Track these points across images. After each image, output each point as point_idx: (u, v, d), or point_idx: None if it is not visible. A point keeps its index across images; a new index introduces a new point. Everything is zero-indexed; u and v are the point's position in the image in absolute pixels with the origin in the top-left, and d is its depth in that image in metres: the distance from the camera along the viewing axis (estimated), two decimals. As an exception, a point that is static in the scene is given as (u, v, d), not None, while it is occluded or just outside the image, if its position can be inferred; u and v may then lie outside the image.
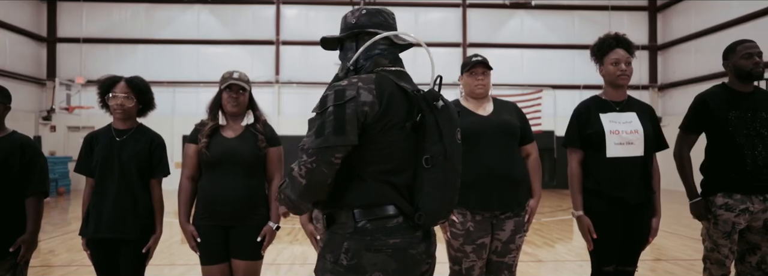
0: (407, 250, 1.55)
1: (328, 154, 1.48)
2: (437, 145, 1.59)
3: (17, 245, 2.52)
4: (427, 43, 1.76)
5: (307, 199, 1.54)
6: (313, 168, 1.48)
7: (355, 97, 1.51)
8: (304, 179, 1.49)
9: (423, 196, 1.57)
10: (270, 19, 15.49)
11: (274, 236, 2.73)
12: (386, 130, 1.53)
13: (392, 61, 1.68)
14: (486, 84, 2.71)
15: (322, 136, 1.49)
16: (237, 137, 2.68)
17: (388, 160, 1.55)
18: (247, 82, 2.71)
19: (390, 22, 1.72)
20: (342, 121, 1.49)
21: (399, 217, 1.55)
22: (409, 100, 1.59)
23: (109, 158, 2.61)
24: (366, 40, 1.65)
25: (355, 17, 1.71)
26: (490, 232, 2.63)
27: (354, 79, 1.57)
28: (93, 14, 15.19)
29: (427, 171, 1.57)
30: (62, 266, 5.14)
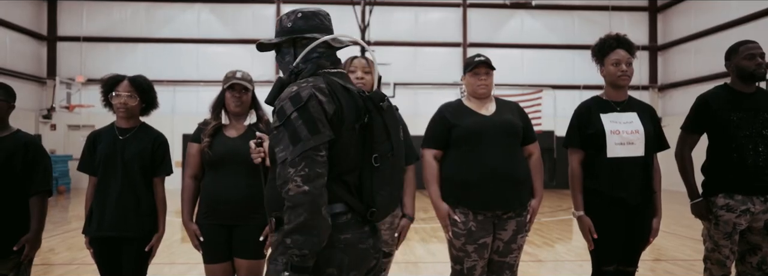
0: (358, 245, 1.60)
1: (313, 156, 1.48)
2: (385, 144, 1.67)
3: (21, 244, 2.52)
4: (428, 43, 1.80)
5: (318, 209, 1.47)
6: (308, 173, 1.47)
7: (313, 95, 1.54)
8: (304, 186, 1.45)
9: (373, 194, 1.62)
10: (270, 18, 15.48)
11: None
12: (341, 131, 1.56)
13: (333, 63, 1.72)
14: (489, 84, 2.72)
15: (300, 142, 1.48)
16: (240, 136, 2.68)
17: (342, 159, 1.57)
18: (250, 82, 2.72)
19: (326, 24, 1.74)
20: (311, 121, 1.50)
21: (348, 214, 1.59)
22: (355, 101, 1.62)
23: (112, 157, 2.62)
24: (303, 44, 1.68)
25: (290, 21, 1.72)
26: (492, 231, 2.63)
27: (303, 83, 1.58)
28: (93, 13, 15.19)
29: (376, 169, 1.63)
30: (63, 265, 5.14)
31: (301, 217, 1.44)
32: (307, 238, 1.45)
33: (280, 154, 1.50)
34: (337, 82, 1.63)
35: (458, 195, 2.62)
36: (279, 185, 1.50)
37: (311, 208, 1.45)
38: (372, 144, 1.63)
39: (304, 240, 1.45)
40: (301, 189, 1.45)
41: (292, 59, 1.70)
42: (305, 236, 1.45)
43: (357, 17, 13.06)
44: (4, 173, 2.51)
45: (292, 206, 1.46)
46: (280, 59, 1.75)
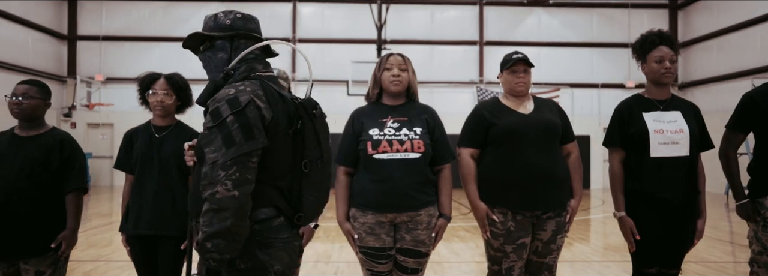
0: (293, 242, 1.69)
1: (245, 161, 1.48)
2: (315, 151, 1.71)
3: (58, 241, 2.53)
4: (444, 42, 1.80)
5: (244, 214, 1.49)
6: (238, 177, 1.46)
7: (251, 101, 1.54)
8: (234, 191, 1.45)
9: (302, 198, 1.68)
10: (286, 17, 15.51)
11: (313, 235, 2.71)
12: (275, 137, 1.59)
13: (264, 65, 1.75)
14: (527, 82, 2.68)
15: (233, 146, 1.48)
16: None
17: (275, 164, 1.60)
18: (285, 80, 2.70)
19: (260, 31, 1.79)
20: (247, 126, 1.50)
21: (280, 217, 1.64)
22: (288, 108, 1.66)
23: (149, 155, 2.62)
24: (242, 43, 1.70)
25: (229, 19, 1.73)
26: (531, 232, 2.59)
27: (241, 87, 1.59)
28: (112, 12, 15.32)
29: (305, 175, 1.68)
30: (89, 262, 5.18)
31: (227, 221, 1.44)
32: (229, 242, 1.46)
33: (211, 155, 1.49)
34: (273, 88, 1.65)
35: (497, 195, 2.59)
36: (203, 185, 1.49)
37: (237, 213, 1.45)
38: (303, 150, 1.68)
39: (226, 244, 1.46)
40: (230, 193, 1.45)
41: (225, 56, 1.71)
42: (228, 241, 1.46)
43: (373, 16, 13.02)
44: (42, 170, 2.52)
45: (217, 209, 1.45)
46: (210, 55, 1.74)
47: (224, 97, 1.54)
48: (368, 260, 2.55)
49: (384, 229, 2.52)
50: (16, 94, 2.54)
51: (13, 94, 2.54)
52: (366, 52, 14.35)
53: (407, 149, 2.49)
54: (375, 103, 2.67)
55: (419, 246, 2.52)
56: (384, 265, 2.55)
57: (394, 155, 2.48)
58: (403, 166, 2.48)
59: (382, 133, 2.52)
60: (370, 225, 2.52)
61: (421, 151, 2.50)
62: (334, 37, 15.30)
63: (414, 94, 2.68)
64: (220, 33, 1.71)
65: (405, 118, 2.57)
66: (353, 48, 14.88)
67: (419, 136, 2.52)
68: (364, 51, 14.48)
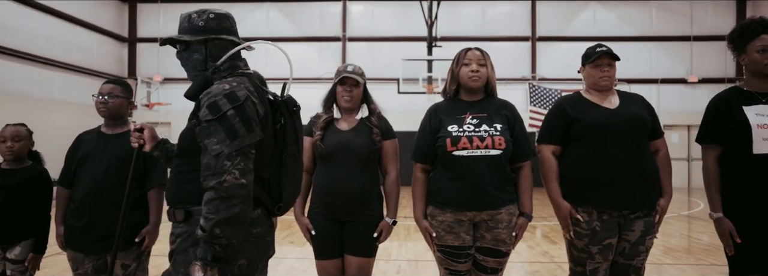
0: (265, 237, 1.76)
1: (247, 152, 1.57)
2: (293, 145, 1.81)
3: (141, 236, 2.59)
4: (495, 38, 1.74)
5: (250, 202, 1.56)
6: (244, 167, 1.54)
7: (249, 96, 1.62)
8: (242, 179, 1.52)
9: (282, 190, 1.79)
10: (337, 16, 15.62)
11: (391, 231, 2.69)
12: (264, 130, 1.67)
13: (245, 63, 1.83)
14: (612, 75, 2.56)
15: (238, 138, 1.56)
16: (351, 130, 2.65)
17: (260, 157, 1.66)
18: (361, 76, 2.68)
19: (235, 28, 1.83)
20: (247, 120, 1.59)
21: (258, 209, 1.71)
22: (272, 105, 1.75)
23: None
24: (216, 44, 1.75)
25: (202, 20, 1.77)
26: (618, 232, 2.48)
27: (234, 83, 1.65)
28: (169, 14, 15.80)
29: (284, 168, 1.79)
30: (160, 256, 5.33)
31: (236, 207, 1.50)
32: (237, 228, 1.53)
33: (215, 146, 1.54)
34: (258, 85, 1.73)
35: (581, 193, 2.48)
36: (207, 176, 1.53)
37: (246, 200, 1.53)
38: (284, 145, 1.78)
39: (233, 231, 1.52)
40: (239, 181, 1.51)
41: (201, 57, 1.76)
42: (236, 227, 1.53)
43: (424, 13, 12.93)
44: (127, 167, 2.58)
45: (226, 197, 1.50)
46: (187, 56, 1.78)
47: (221, 91, 1.60)
48: (446, 259, 2.50)
49: (463, 228, 2.46)
50: (102, 93, 2.62)
51: (99, 93, 2.62)
52: (416, 50, 14.27)
53: (488, 146, 2.42)
54: (452, 99, 2.61)
55: (500, 245, 2.46)
56: (463, 265, 2.49)
57: (474, 152, 2.42)
58: (484, 163, 2.41)
59: (461, 129, 2.46)
60: (448, 223, 2.47)
61: (502, 148, 2.43)
62: (383, 35, 15.30)
63: (493, 90, 2.60)
64: (193, 37, 1.75)
65: (484, 114, 2.50)
66: (403, 46, 14.82)
67: (500, 133, 2.45)
68: (415, 49, 14.40)
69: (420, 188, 2.57)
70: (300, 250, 5.72)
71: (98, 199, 2.54)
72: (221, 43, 1.76)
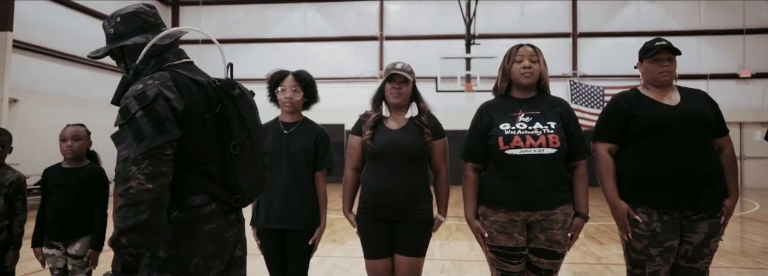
0: (222, 234, 1.62)
1: (159, 154, 1.46)
2: (242, 131, 1.68)
3: None
4: (534, 35, 1.62)
5: (161, 208, 1.44)
6: (151, 171, 1.44)
7: (159, 93, 1.51)
8: (148, 184, 1.41)
9: (237, 180, 1.66)
10: (374, 15, 15.65)
11: (439, 225, 2.68)
12: (191, 124, 1.57)
13: (176, 54, 1.71)
14: (672, 70, 2.45)
15: (144, 140, 1.46)
16: (401, 129, 2.63)
17: (198, 151, 1.59)
18: (410, 73, 2.65)
19: (150, 21, 1.71)
20: (157, 119, 1.48)
21: (212, 204, 1.60)
22: (206, 92, 1.62)
23: (278, 151, 2.66)
24: (130, 48, 1.67)
25: (111, 27, 1.70)
26: (680, 234, 2.38)
27: (149, 81, 1.55)
28: (210, 16, 16.18)
29: (236, 156, 1.66)
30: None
31: (143, 214, 1.40)
32: (146, 237, 1.42)
33: (123, 151, 1.47)
34: (185, 76, 1.61)
35: (640, 193, 2.39)
36: (117, 183, 1.45)
37: (153, 206, 1.41)
38: (229, 132, 1.65)
39: (143, 239, 1.42)
40: (144, 187, 1.41)
41: (124, 64, 1.71)
42: (145, 235, 1.42)
43: (462, 10, 12.80)
44: None
45: (132, 204, 1.41)
46: (119, 63, 1.73)
47: (132, 93, 1.53)
48: (499, 260, 2.45)
49: (516, 228, 2.41)
50: None
51: None
52: (454, 48, 14.17)
53: (541, 144, 2.35)
54: (504, 96, 2.55)
55: (554, 246, 2.39)
56: (516, 266, 2.44)
57: (528, 150, 2.36)
58: (538, 161, 2.35)
59: (514, 127, 2.40)
60: (501, 223, 2.42)
61: (557, 146, 2.36)
62: (420, 33, 15.25)
63: (545, 87, 2.53)
64: (109, 46, 1.70)
65: (537, 111, 2.44)
66: (440, 44, 14.74)
67: (554, 131, 2.38)
68: (452, 47, 14.30)
69: (471, 188, 2.53)
70: (342, 249, 5.75)
71: None
72: (136, 46, 1.67)
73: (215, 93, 1.64)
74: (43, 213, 2.89)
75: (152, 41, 1.63)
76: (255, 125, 1.75)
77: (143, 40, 1.66)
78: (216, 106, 1.64)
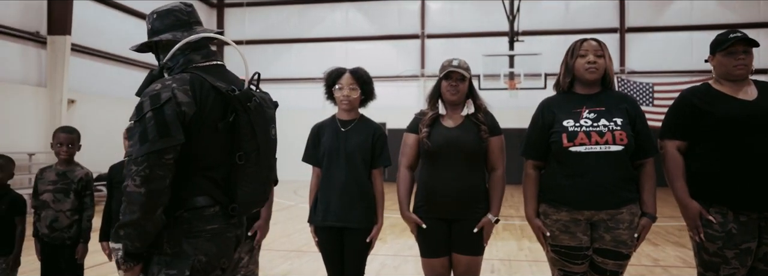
0: (224, 233, 1.68)
1: (158, 158, 1.51)
2: (250, 143, 1.69)
3: (254, 230, 2.66)
4: (580, 31, 1.53)
5: (152, 210, 1.52)
6: (148, 174, 1.50)
7: (172, 98, 1.55)
8: (142, 188, 1.49)
9: (237, 190, 1.68)
10: (415, 14, 15.60)
11: (492, 229, 2.61)
12: (202, 129, 1.60)
13: (204, 55, 1.73)
14: (749, 64, 2.33)
15: (147, 142, 1.51)
16: (458, 127, 2.59)
17: (204, 157, 1.63)
18: (466, 70, 2.61)
19: (184, 18, 1.75)
20: (164, 123, 1.53)
21: (215, 207, 1.65)
22: (223, 100, 1.63)
23: (336, 148, 2.67)
24: (163, 44, 1.73)
25: (149, 23, 1.77)
26: (758, 235, 2.26)
27: (168, 82, 1.60)
28: (254, 17, 16.47)
29: (240, 167, 1.68)
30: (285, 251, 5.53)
31: (135, 214, 1.51)
32: (138, 233, 1.53)
33: (130, 148, 1.55)
34: (205, 81, 1.63)
35: (714, 192, 2.29)
36: (124, 176, 1.55)
37: (143, 208, 1.50)
38: (239, 142, 1.67)
39: (136, 235, 1.53)
40: (137, 189, 1.50)
41: (158, 58, 1.77)
42: (137, 232, 1.53)
43: (505, 7, 12.61)
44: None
45: (128, 202, 1.51)
46: (156, 57, 1.80)
47: (149, 92, 1.58)
48: (561, 260, 2.39)
49: (580, 228, 2.34)
50: None
51: None
52: (497, 45, 13.97)
53: (607, 141, 2.28)
54: (566, 92, 2.48)
55: (620, 247, 2.31)
56: (579, 266, 2.37)
57: (593, 148, 2.29)
58: (604, 159, 2.28)
59: (578, 124, 2.34)
60: (564, 222, 2.35)
61: (624, 144, 2.28)
62: (462, 31, 15.11)
63: (610, 82, 2.45)
64: (146, 41, 1.77)
65: (602, 107, 2.36)
66: (483, 41, 14.57)
67: (620, 127, 2.30)
68: (495, 44, 14.11)
69: (532, 185, 2.47)
70: (388, 247, 5.75)
71: None
72: (168, 42, 1.72)
73: (231, 102, 1.65)
74: (109, 208, 2.99)
75: (183, 42, 1.66)
76: (266, 138, 1.76)
77: (171, 37, 1.70)
78: (230, 115, 1.65)
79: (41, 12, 10.41)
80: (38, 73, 10.42)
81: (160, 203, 1.53)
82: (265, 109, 1.77)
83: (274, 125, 1.82)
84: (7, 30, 9.67)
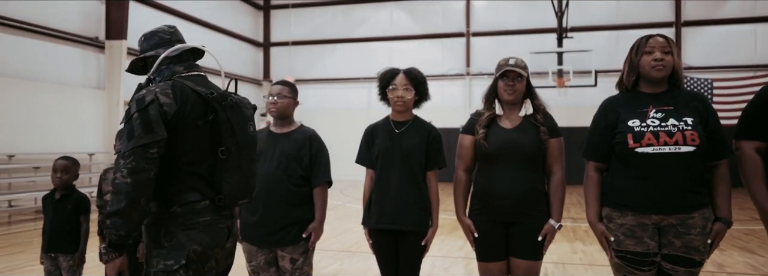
0: (216, 225, 1.85)
1: (143, 151, 1.68)
2: (230, 139, 1.88)
3: (308, 232, 2.68)
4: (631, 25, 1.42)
5: (137, 199, 1.67)
6: (134, 166, 1.67)
7: (155, 100, 1.75)
8: (128, 178, 1.66)
9: (221, 182, 1.86)
10: (460, 12, 15.44)
11: (555, 235, 2.52)
12: (184, 128, 1.79)
13: (187, 67, 1.96)
14: None
15: (133, 138, 1.69)
16: (515, 128, 2.52)
17: (189, 153, 1.81)
18: (524, 69, 2.53)
19: (166, 37, 1.99)
20: (148, 121, 1.71)
21: (205, 201, 1.83)
22: (203, 101, 1.84)
23: (391, 150, 2.64)
24: (151, 61, 1.97)
25: (140, 44, 2.02)
26: None
27: (152, 88, 1.81)
28: (299, 19, 16.69)
29: (223, 161, 1.87)
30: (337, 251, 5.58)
31: (121, 203, 1.65)
32: (124, 222, 1.66)
33: (119, 146, 1.72)
34: (186, 85, 1.84)
35: (799, 196, 2.13)
36: (112, 171, 1.73)
37: (129, 197, 1.65)
38: (220, 139, 1.86)
39: (121, 223, 1.66)
40: (124, 180, 1.66)
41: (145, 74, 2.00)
42: (123, 221, 1.66)
43: (554, 3, 12.30)
44: (296, 165, 2.68)
45: (115, 193, 1.67)
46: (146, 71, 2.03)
47: (136, 97, 1.78)
48: (626, 266, 2.28)
49: (647, 232, 2.23)
50: (272, 94, 2.74)
51: (269, 94, 2.75)
52: (544, 42, 13.67)
53: (678, 142, 2.16)
54: (630, 91, 2.37)
55: (692, 253, 2.19)
56: (646, 273, 2.26)
57: (662, 149, 2.17)
58: (674, 161, 2.16)
59: (645, 124, 2.22)
60: (629, 227, 2.25)
61: (696, 144, 2.15)
62: (508, 28, 14.84)
63: (679, 80, 2.33)
64: (136, 58, 2.02)
65: (670, 106, 2.24)
66: (530, 38, 14.28)
67: (691, 127, 2.17)
68: (542, 41, 13.80)
69: (593, 188, 2.37)
70: (438, 248, 5.68)
71: (270, 196, 2.65)
72: (154, 59, 1.96)
73: (210, 103, 1.85)
74: None
75: (164, 54, 1.91)
76: (245, 134, 1.94)
77: (154, 53, 1.96)
78: (209, 114, 1.84)
79: (100, 18, 10.87)
80: (97, 77, 10.88)
81: (144, 193, 1.69)
82: (242, 109, 1.97)
83: (252, 123, 2.01)
84: (69, 36, 10.14)
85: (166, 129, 1.74)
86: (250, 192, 2.00)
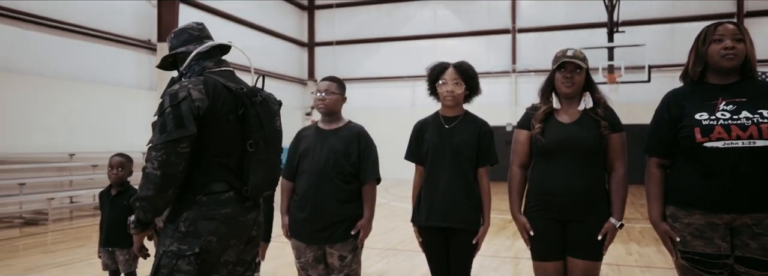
0: (237, 217, 1.92)
1: (174, 146, 1.75)
2: (259, 133, 1.96)
3: (357, 229, 2.65)
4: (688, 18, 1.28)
5: (164, 189, 1.77)
6: (164, 159, 1.74)
7: (187, 96, 1.82)
8: (158, 171, 1.75)
9: (249, 174, 1.94)
10: (504, 9, 15.18)
11: (616, 234, 2.40)
12: (215, 122, 1.86)
13: (216, 63, 2.03)
14: None
15: (165, 132, 1.76)
16: (574, 122, 2.41)
17: (218, 145, 1.88)
18: (583, 60, 2.42)
19: (195, 34, 2.07)
20: (180, 117, 1.78)
21: (230, 192, 1.90)
22: (234, 96, 1.91)
23: (440, 146, 2.58)
24: (181, 58, 2.04)
25: (169, 41, 2.09)
26: None
27: (184, 83, 1.87)
28: (343, 18, 16.80)
29: (251, 154, 1.94)
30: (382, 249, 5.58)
31: (150, 191, 1.77)
32: (151, 207, 1.80)
33: (153, 138, 1.78)
34: (218, 81, 1.91)
35: None
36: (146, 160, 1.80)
37: (157, 188, 1.76)
38: (248, 133, 1.93)
39: (148, 207, 1.80)
40: (155, 172, 1.75)
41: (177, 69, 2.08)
42: (150, 206, 1.80)
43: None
44: (344, 161, 2.65)
45: (145, 181, 1.77)
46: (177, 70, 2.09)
47: (169, 91, 1.84)
48: (694, 268, 2.14)
49: (718, 233, 2.08)
50: (319, 90, 2.73)
51: (317, 90, 2.74)
52: (593, 37, 13.26)
53: (752, 136, 2.01)
54: (696, 82, 2.23)
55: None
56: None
57: (734, 143, 2.02)
58: (748, 156, 2.01)
59: (714, 117, 2.08)
60: (697, 226, 2.11)
61: (773, 138, 2.00)
62: (555, 24, 14.47)
63: (752, 70, 2.17)
64: (167, 55, 2.07)
65: (743, 98, 2.09)
66: (579, 34, 13.89)
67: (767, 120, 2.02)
68: (591, 36, 13.40)
69: (656, 186, 2.24)
70: (486, 247, 5.57)
71: (319, 192, 2.64)
72: (184, 55, 2.03)
73: (241, 98, 1.92)
74: None
75: (196, 51, 1.98)
76: (272, 129, 2.03)
77: (185, 49, 2.02)
78: (239, 109, 1.91)
79: (152, 21, 11.24)
80: (149, 78, 11.26)
81: (171, 185, 1.78)
82: (270, 105, 2.04)
83: (278, 118, 2.09)
84: (123, 39, 10.54)
85: (198, 124, 1.81)
86: (275, 184, 2.08)
